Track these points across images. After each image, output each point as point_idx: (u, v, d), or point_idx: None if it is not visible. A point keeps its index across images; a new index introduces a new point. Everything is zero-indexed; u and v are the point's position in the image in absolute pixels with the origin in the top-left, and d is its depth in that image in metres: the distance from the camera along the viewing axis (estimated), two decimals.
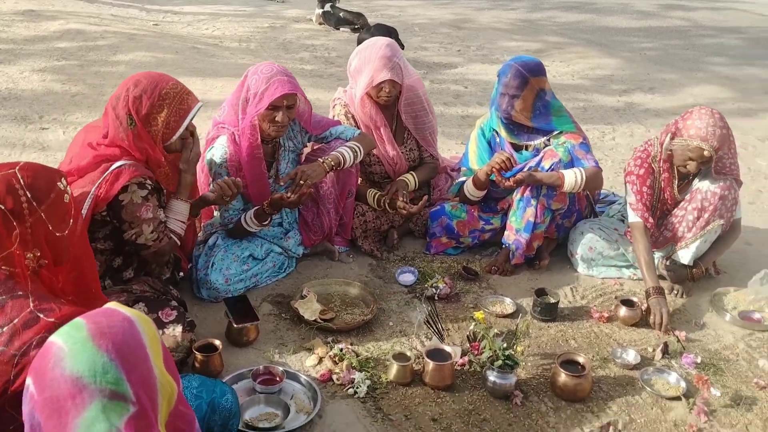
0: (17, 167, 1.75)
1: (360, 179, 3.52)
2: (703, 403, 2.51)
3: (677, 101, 6.38)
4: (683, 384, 2.61)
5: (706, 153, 2.94)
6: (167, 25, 8.25)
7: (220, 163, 3.02)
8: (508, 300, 3.12)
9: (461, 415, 2.44)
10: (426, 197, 3.39)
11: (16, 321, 1.63)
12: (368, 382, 2.50)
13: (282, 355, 2.68)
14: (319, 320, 2.83)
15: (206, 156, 3.07)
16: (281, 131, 3.03)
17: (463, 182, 3.49)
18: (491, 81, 4.38)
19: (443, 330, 2.83)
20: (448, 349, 2.63)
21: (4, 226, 1.70)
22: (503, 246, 3.42)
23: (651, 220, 3.16)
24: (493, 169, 3.22)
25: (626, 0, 12.02)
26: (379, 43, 3.38)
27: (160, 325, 2.45)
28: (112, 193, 2.41)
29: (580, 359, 2.59)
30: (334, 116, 3.50)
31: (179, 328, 2.46)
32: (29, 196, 1.73)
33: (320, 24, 8.74)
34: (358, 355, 2.67)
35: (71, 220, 1.85)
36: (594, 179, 3.24)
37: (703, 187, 3.13)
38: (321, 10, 8.69)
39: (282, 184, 3.12)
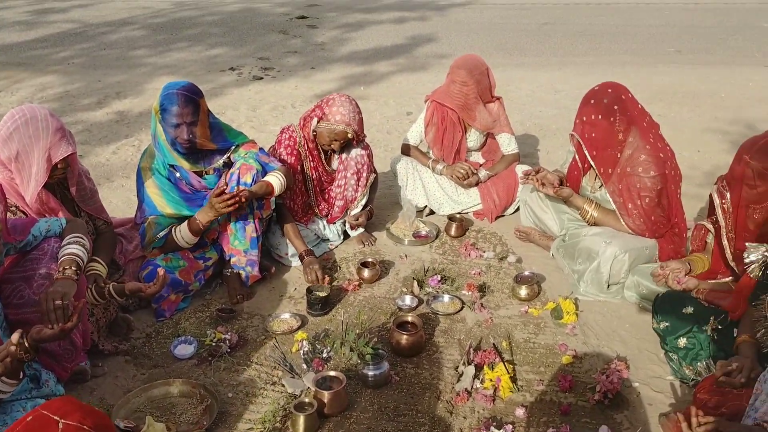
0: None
1: None
2: (479, 301, 3.26)
3: None
4: (456, 299, 3.29)
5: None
6: None
7: None
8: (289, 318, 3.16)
9: (377, 418, 2.53)
10: None
11: None
12: None
13: None
14: None
15: None
16: None
17: (167, 234, 3.18)
18: None
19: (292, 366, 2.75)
20: (332, 373, 2.62)
21: None
22: (230, 272, 3.33)
23: None
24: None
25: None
26: None
27: None
28: None
29: (410, 319, 2.97)
30: None
31: None
32: None
33: None
34: None
35: None
36: (289, 175, 3.44)
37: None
38: None
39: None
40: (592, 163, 3.36)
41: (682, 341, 2.78)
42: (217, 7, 11.74)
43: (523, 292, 3.30)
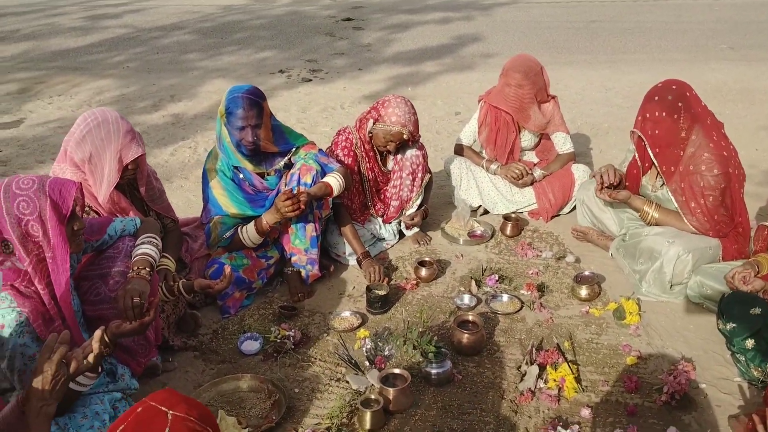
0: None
1: None
2: (538, 301, 3.26)
3: None
4: (515, 298, 3.29)
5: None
6: None
7: None
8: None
9: (442, 416, 2.56)
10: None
11: None
12: None
13: None
14: None
15: None
16: None
17: (234, 233, 3.27)
18: None
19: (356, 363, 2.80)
20: (396, 371, 2.66)
21: None
22: (291, 271, 3.40)
23: None
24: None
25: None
26: None
27: None
28: None
29: (470, 318, 2.99)
30: None
31: None
32: None
33: None
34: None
35: None
36: (348, 176, 3.49)
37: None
38: None
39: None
40: (655, 161, 3.32)
41: (750, 342, 2.73)
42: (264, 10, 11.92)
43: (584, 292, 3.28)
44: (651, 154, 3.30)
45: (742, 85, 7.11)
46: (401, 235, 3.97)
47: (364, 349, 2.88)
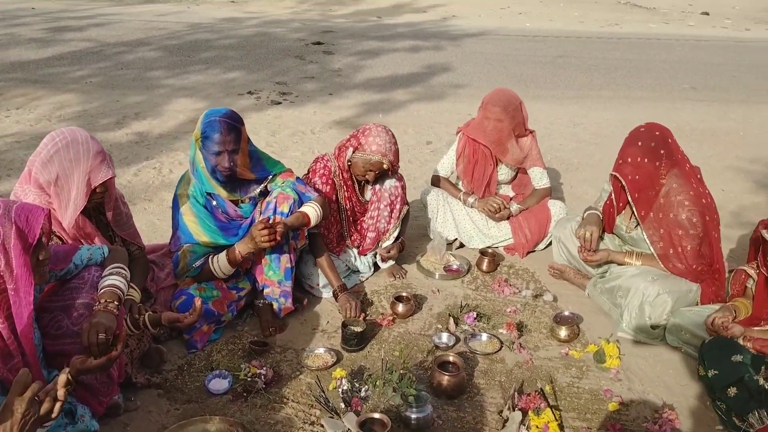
0: None
1: None
2: (517, 341, 3.18)
3: None
4: (494, 338, 3.21)
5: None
6: None
7: None
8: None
9: None
10: None
11: None
12: None
13: None
14: None
15: None
16: None
17: (204, 263, 3.12)
18: None
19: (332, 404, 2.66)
20: (376, 415, 2.53)
21: None
22: (263, 303, 3.25)
23: None
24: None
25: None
26: None
27: None
28: None
29: (451, 359, 2.89)
30: None
31: None
32: None
33: None
34: None
35: None
36: (326, 205, 3.38)
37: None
38: None
39: None
40: (633, 205, 3.31)
41: (732, 390, 2.70)
42: (233, 30, 11.77)
43: (564, 333, 3.23)
44: (629, 198, 3.29)
45: (705, 126, 7.27)
46: (376, 267, 3.86)
47: (340, 390, 2.74)
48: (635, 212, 3.36)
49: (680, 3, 17.94)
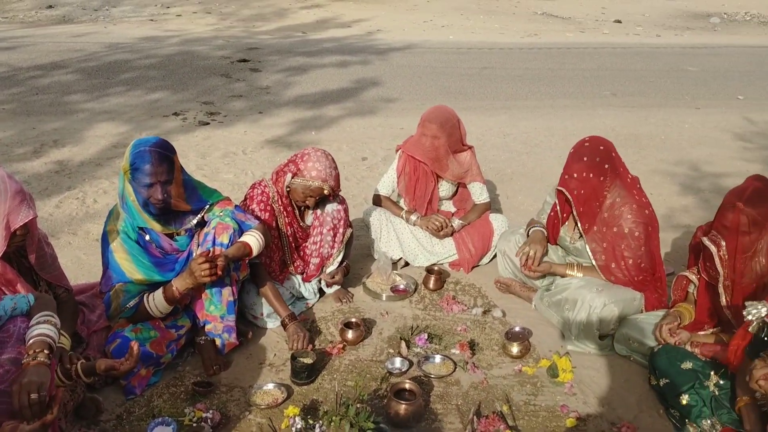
0: None
1: None
2: (471, 360, 3.14)
3: None
4: (447, 359, 3.15)
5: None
6: None
7: None
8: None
9: None
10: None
11: None
12: None
13: None
14: None
15: None
16: None
17: (139, 302, 2.93)
18: None
19: None
20: None
21: None
22: (204, 340, 3.08)
23: None
24: None
25: None
26: None
27: None
28: None
29: (407, 386, 2.80)
30: None
31: None
32: None
33: None
34: None
35: None
36: (267, 233, 3.25)
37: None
38: None
39: None
40: (578, 219, 3.34)
41: (685, 398, 2.74)
42: (153, 49, 11.38)
43: (515, 349, 3.20)
44: (575, 212, 3.32)
45: (629, 131, 7.51)
46: (321, 292, 3.75)
47: (294, 429, 2.61)
48: (579, 226, 3.38)
49: (593, 12, 18.56)
